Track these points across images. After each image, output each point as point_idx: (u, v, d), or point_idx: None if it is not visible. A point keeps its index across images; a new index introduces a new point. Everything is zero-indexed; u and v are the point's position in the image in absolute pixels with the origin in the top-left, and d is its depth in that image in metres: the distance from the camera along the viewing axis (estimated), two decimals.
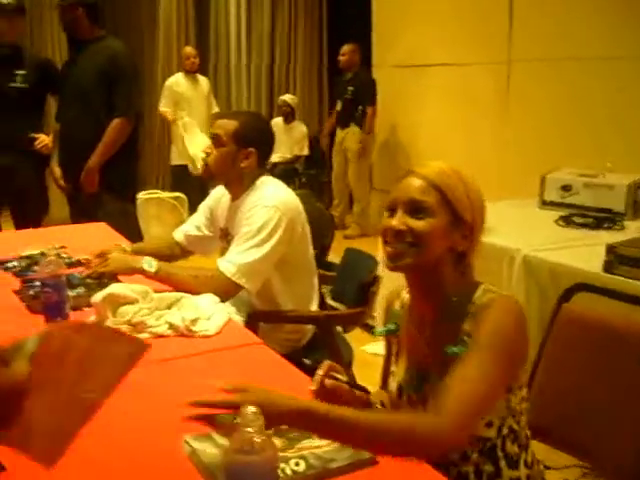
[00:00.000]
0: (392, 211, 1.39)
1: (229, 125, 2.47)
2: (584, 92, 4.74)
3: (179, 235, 2.73)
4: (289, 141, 7.24)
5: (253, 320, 2.37)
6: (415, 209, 1.36)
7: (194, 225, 2.73)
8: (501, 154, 5.38)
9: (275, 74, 8.19)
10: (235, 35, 7.99)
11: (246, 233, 2.36)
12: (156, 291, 2.09)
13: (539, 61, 5.07)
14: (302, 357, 2.46)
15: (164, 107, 6.57)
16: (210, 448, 1.32)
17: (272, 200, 2.39)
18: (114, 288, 1.98)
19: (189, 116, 6.41)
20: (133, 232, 3.55)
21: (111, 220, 3.38)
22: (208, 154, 2.50)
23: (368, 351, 3.68)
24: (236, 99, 8.08)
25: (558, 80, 4.93)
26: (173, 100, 6.50)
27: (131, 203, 3.97)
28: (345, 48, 6.82)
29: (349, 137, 6.83)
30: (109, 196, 3.73)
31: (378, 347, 3.88)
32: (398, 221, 1.36)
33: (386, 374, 1.61)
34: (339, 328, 2.70)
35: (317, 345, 2.58)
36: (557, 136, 4.86)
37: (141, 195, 5.48)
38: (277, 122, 7.08)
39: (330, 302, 2.87)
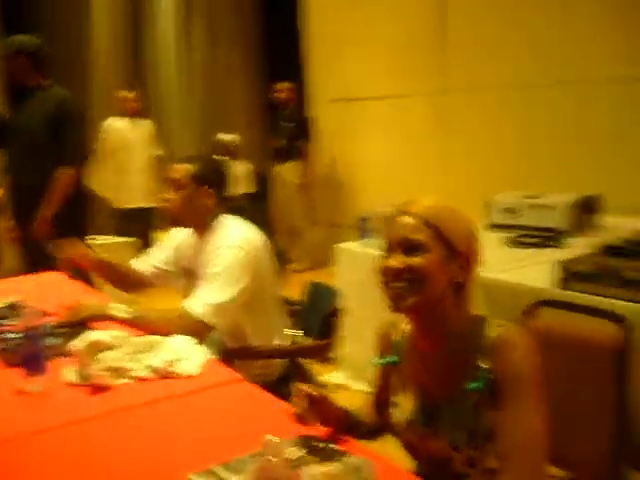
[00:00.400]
0: (388, 252, 1.44)
1: (186, 168, 2.55)
2: (520, 118, 4.96)
3: (144, 266, 2.79)
4: (234, 179, 7.28)
5: (227, 358, 2.40)
6: (410, 247, 1.40)
7: (164, 261, 2.78)
8: (443, 182, 5.53)
9: (213, 113, 8.25)
10: (171, 76, 8.02)
11: (213, 274, 2.40)
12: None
13: (475, 90, 5.28)
14: (275, 390, 2.49)
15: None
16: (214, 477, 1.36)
17: (236, 239, 2.45)
18: (93, 335, 1.99)
19: (129, 160, 6.43)
20: (86, 279, 3.53)
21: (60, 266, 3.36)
22: (167, 200, 2.55)
23: (332, 381, 3.74)
24: (179, 140, 8.09)
25: (494, 107, 5.14)
26: (111, 144, 6.46)
27: None
28: (281, 85, 6.96)
29: (289, 172, 6.93)
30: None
31: (337, 377, 3.95)
32: (395, 260, 1.41)
33: (380, 403, 1.65)
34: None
35: (289, 378, 2.62)
36: (496, 161, 5.06)
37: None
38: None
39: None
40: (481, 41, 5.21)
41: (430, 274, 1.39)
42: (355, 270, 3.81)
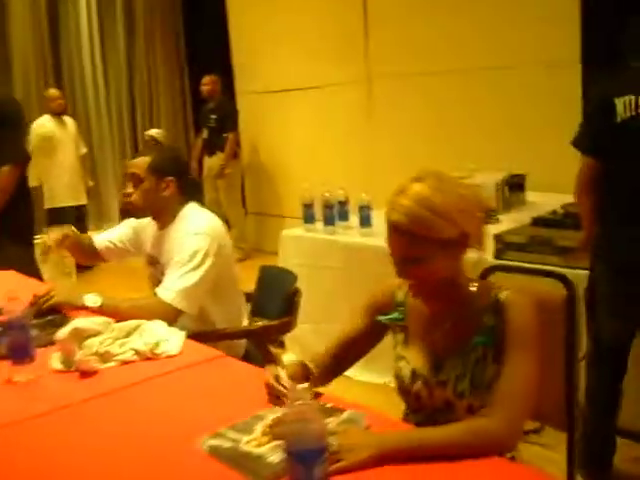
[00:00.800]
0: (396, 264, 1.60)
1: (143, 161, 2.64)
2: (442, 103, 5.21)
3: (99, 243, 2.95)
4: None
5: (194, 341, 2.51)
6: (411, 260, 1.55)
7: (118, 238, 2.93)
8: (370, 168, 5.73)
9: (137, 108, 8.21)
10: (91, 73, 7.94)
11: (180, 260, 2.51)
12: None
13: (397, 76, 5.48)
14: None
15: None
16: (225, 442, 1.49)
17: (202, 227, 2.57)
18: (77, 323, 2.08)
19: (58, 159, 6.39)
20: (35, 276, 3.56)
21: (11, 265, 3.39)
22: (129, 194, 2.64)
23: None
24: (99, 138, 8.03)
25: (416, 93, 5.37)
26: (40, 144, 6.41)
27: (30, 247, 3.95)
28: (206, 78, 7.02)
29: (216, 164, 7.00)
30: (8, 241, 3.73)
31: (289, 358, 4.08)
32: (405, 275, 1.59)
33: (347, 347, 1.81)
34: None
35: (250, 359, 2.75)
36: (421, 145, 5.29)
37: None
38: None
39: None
40: (402, 28, 5.41)
41: (435, 273, 1.57)
42: (301, 254, 3.96)
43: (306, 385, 1.19)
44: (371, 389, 3.50)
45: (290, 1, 6.46)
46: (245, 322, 2.81)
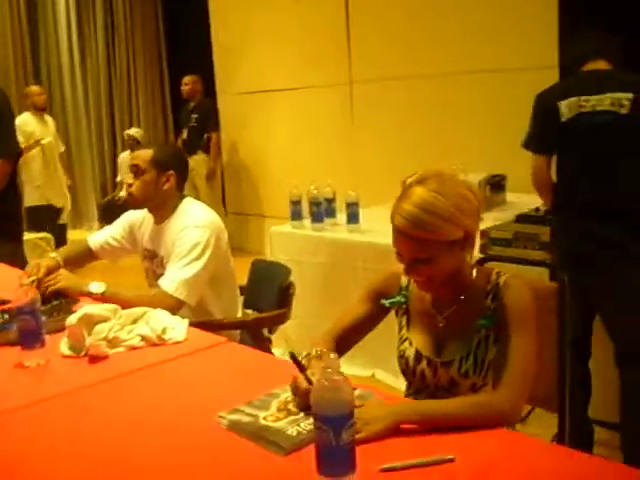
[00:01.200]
0: (404, 264, 1.68)
1: (146, 154, 2.72)
2: (423, 105, 5.31)
3: (94, 243, 2.98)
4: None
5: None
6: (420, 261, 1.63)
7: (113, 237, 2.97)
8: (353, 169, 5.80)
9: (116, 108, 8.23)
10: (69, 71, 7.94)
11: (181, 252, 2.58)
12: None
13: (379, 80, 5.58)
14: None
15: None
16: (244, 417, 1.57)
17: (202, 220, 2.65)
18: (87, 309, 2.13)
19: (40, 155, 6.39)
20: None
21: (1, 261, 3.42)
22: (130, 185, 2.71)
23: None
24: (76, 137, 8.03)
25: (398, 96, 5.46)
26: (24, 140, 6.40)
27: (19, 243, 3.98)
28: (187, 79, 7.09)
29: (197, 163, 7.05)
30: None
31: (276, 353, 4.16)
32: (414, 273, 1.68)
33: (349, 326, 1.88)
34: None
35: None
36: (404, 146, 5.39)
37: None
38: (125, 156, 7.18)
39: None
40: (384, 32, 5.50)
41: (444, 270, 1.66)
42: (289, 251, 4.04)
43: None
44: (357, 382, 3.57)
45: (272, 2, 6.52)
46: (240, 313, 2.89)
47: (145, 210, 2.83)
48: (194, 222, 2.63)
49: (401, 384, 1.95)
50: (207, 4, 7.21)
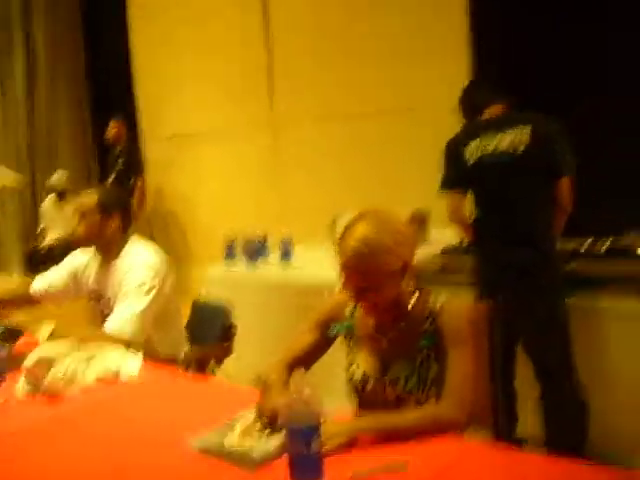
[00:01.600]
0: (350, 293, 1.84)
1: (91, 199, 2.81)
2: (341, 145, 5.50)
3: (38, 287, 3.06)
4: (65, 220, 7.26)
5: None
6: (362, 290, 1.80)
7: (58, 281, 3.04)
8: (282, 210, 5.93)
9: (37, 154, 8.13)
10: None
11: (127, 292, 2.68)
12: None
13: (300, 120, 5.77)
14: None
15: None
16: (214, 438, 1.68)
17: (148, 260, 2.76)
18: (41, 351, 2.20)
19: None
20: None
21: None
22: (76, 230, 2.81)
23: None
24: None
25: (319, 137, 5.65)
26: None
27: None
28: (112, 123, 7.10)
29: None
30: None
31: None
32: (359, 300, 1.85)
33: (299, 356, 1.99)
34: None
35: None
36: (329, 187, 5.55)
37: None
38: (49, 203, 7.15)
39: None
40: (304, 76, 5.70)
41: (386, 297, 1.83)
42: (225, 289, 4.13)
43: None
44: None
45: (194, 44, 6.59)
46: (186, 348, 2.98)
47: (89, 253, 2.91)
48: (140, 262, 2.73)
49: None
50: (129, 48, 7.26)
